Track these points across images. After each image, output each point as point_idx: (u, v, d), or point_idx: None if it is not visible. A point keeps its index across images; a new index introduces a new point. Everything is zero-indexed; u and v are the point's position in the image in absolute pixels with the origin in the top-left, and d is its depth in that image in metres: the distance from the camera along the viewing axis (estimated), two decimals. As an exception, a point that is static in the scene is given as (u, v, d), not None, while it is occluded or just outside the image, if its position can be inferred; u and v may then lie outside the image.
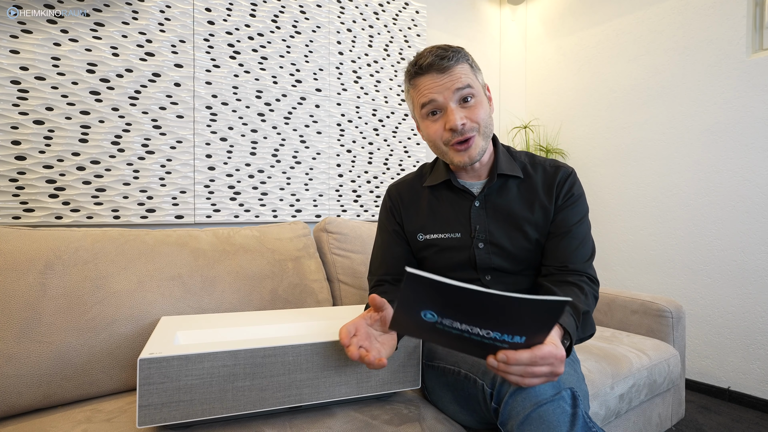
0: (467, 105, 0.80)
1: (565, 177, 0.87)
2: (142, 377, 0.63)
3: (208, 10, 1.55)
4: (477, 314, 0.54)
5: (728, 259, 1.82)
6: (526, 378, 0.57)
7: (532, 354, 0.55)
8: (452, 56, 0.79)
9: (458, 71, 0.79)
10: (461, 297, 0.53)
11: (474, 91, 0.80)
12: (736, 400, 1.79)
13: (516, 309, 0.52)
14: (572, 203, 0.86)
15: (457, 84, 0.78)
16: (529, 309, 0.51)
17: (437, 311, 0.56)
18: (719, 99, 1.85)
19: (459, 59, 0.79)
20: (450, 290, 0.52)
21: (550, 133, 2.54)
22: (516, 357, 0.56)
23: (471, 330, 0.56)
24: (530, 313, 0.52)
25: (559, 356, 0.57)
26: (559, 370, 0.57)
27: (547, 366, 0.57)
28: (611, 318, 1.48)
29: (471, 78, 0.80)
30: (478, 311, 0.54)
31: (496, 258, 0.86)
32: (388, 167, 2.03)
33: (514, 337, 0.55)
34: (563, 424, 0.60)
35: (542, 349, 0.56)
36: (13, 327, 0.81)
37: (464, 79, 0.79)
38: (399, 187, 0.97)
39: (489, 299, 0.51)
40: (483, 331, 0.55)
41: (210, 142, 1.56)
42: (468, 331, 0.56)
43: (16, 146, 1.24)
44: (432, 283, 0.52)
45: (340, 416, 0.76)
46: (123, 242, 0.99)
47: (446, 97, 0.79)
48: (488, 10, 2.52)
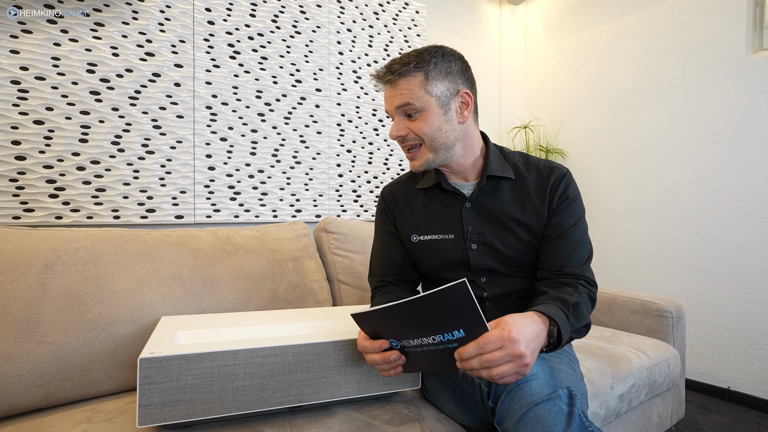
0: (411, 119, 0.80)
1: (559, 179, 0.85)
2: (142, 377, 0.63)
3: (208, 10, 1.55)
4: (413, 325, 0.59)
5: (728, 259, 1.82)
6: (492, 369, 0.56)
7: (476, 343, 0.56)
8: (399, 69, 0.77)
9: (402, 86, 0.78)
10: (390, 315, 0.59)
11: (417, 106, 0.78)
12: (736, 400, 1.79)
13: (429, 306, 0.56)
14: (567, 206, 0.84)
15: (396, 101, 0.79)
16: (437, 303, 0.55)
17: (393, 337, 0.62)
18: (719, 99, 1.85)
19: (408, 71, 0.77)
20: (381, 314, 0.59)
21: (550, 133, 2.54)
22: (465, 350, 0.56)
23: (423, 342, 0.60)
24: (442, 305, 0.55)
25: (507, 337, 0.55)
26: (516, 350, 0.55)
27: (500, 350, 0.55)
28: (611, 318, 1.48)
29: (415, 93, 0.77)
30: (411, 322, 0.59)
31: (489, 259, 0.86)
32: (388, 167, 2.03)
33: (454, 333, 0.57)
34: (559, 423, 0.60)
35: (486, 335, 0.56)
36: (13, 327, 0.81)
37: (405, 95, 0.77)
38: (392, 189, 0.97)
39: (406, 307, 0.57)
40: (429, 338, 0.59)
41: (210, 142, 1.56)
42: (425, 345, 0.61)
43: (16, 146, 1.24)
44: (368, 315, 0.60)
45: (340, 416, 0.76)
46: (123, 242, 0.99)
47: (392, 108, 0.81)
48: (488, 10, 2.52)
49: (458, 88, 0.80)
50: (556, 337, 0.66)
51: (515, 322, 0.58)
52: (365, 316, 0.62)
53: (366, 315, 0.62)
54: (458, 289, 0.52)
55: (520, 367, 0.57)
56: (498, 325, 0.58)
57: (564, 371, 0.79)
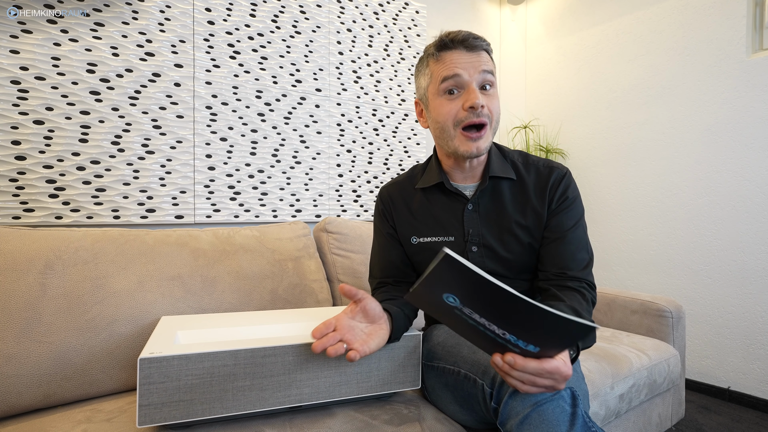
0: (487, 92, 0.79)
1: (559, 179, 0.84)
2: (142, 377, 0.63)
3: (208, 10, 1.55)
4: (501, 314, 0.54)
5: (728, 259, 1.82)
6: (525, 385, 0.58)
7: (540, 366, 0.56)
8: (483, 41, 0.80)
9: (485, 56, 0.80)
10: (491, 293, 0.52)
11: (494, 80, 0.81)
12: (736, 400, 1.79)
13: (541, 320, 0.51)
14: (567, 207, 0.83)
15: (484, 66, 0.78)
16: (555, 324, 0.51)
17: (461, 298, 0.55)
18: (719, 99, 1.85)
19: (487, 48, 0.81)
20: (482, 283, 0.51)
21: (550, 133, 2.54)
22: (524, 364, 0.56)
23: (488, 326, 0.55)
24: (555, 328, 0.52)
25: (564, 374, 0.57)
26: (559, 386, 0.58)
27: (550, 380, 0.57)
28: (611, 318, 1.48)
29: (491, 67, 0.81)
30: (502, 311, 0.53)
31: (489, 262, 0.85)
32: (388, 167, 2.03)
33: (528, 345, 0.55)
34: (563, 424, 0.60)
35: (551, 362, 0.56)
36: (13, 327, 0.81)
37: (488, 65, 0.80)
38: (390, 190, 0.95)
39: (520, 303, 0.51)
40: (500, 330, 0.55)
41: (210, 142, 1.56)
42: (484, 326, 0.56)
43: (16, 146, 1.24)
44: (467, 271, 0.51)
45: (340, 416, 0.76)
46: (123, 242, 0.99)
47: (471, 75, 0.77)
48: (488, 10, 2.52)
49: None
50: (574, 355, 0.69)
51: (566, 356, 0.59)
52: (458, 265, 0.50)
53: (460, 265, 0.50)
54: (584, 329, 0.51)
55: (546, 392, 0.59)
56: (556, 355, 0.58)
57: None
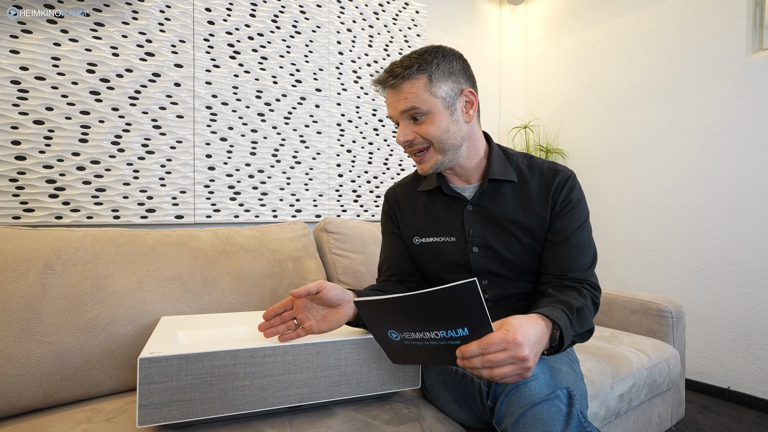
0: (418, 122, 0.79)
1: (563, 182, 0.84)
2: (142, 377, 0.63)
3: (208, 10, 1.55)
4: (417, 319, 0.58)
5: (728, 259, 1.82)
6: (494, 369, 0.55)
7: (480, 342, 0.55)
8: (401, 72, 0.76)
9: (406, 89, 0.77)
10: (396, 307, 0.58)
11: (423, 109, 0.77)
12: (736, 400, 1.79)
13: (435, 303, 0.55)
14: (570, 210, 0.83)
15: (401, 106, 0.78)
16: (444, 299, 0.54)
17: (395, 328, 0.61)
18: (719, 99, 1.85)
19: (411, 74, 0.76)
20: (388, 304, 0.58)
21: (550, 133, 2.54)
22: (468, 348, 0.56)
23: (425, 336, 0.60)
24: (449, 302, 0.55)
25: (511, 340, 0.55)
26: (520, 353, 0.55)
27: (504, 352, 0.55)
28: (611, 318, 1.48)
29: (420, 96, 0.76)
30: (415, 316, 0.58)
31: (491, 262, 0.85)
32: (388, 167, 2.03)
33: (458, 331, 0.57)
34: (557, 423, 0.60)
35: (490, 336, 0.55)
36: (13, 327, 0.81)
37: (410, 99, 0.76)
38: (396, 191, 0.98)
39: (412, 301, 0.56)
40: (432, 333, 0.59)
41: (210, 142, 1.56)
42: (426, 339, 0.60)
43: (16, 146, 1.24)
44: (375, 303, 0.59)
45: (340, 416, 0.76)
46: (123, 242, 0.99)
47: (395, 114, 0.80)
48: (488, 10, 2.52)
49: (462, 87, 0.80)
50: (558, 340, 0.66)
51: (519, 324, 0.58)
52: (368, 304, 0.61)
53: (369, 303, 0.61)
54: (468, 287, 0.52)
55: (522, 370, 0.56)
56: (502, 326, 0.57)
57: (564, 371, 0.79)
